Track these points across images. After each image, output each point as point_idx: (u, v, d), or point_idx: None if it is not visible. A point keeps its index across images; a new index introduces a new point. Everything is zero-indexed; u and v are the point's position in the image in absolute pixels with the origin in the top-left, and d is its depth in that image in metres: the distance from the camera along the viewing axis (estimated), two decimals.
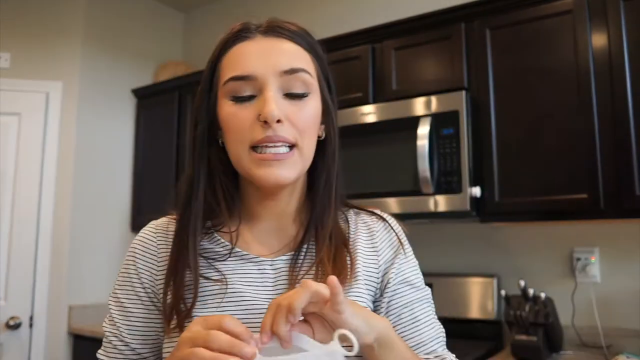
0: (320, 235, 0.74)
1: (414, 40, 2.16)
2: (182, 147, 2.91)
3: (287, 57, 0.71)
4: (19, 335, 2.65)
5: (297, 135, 0.70)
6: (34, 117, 2.80)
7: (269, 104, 0.67)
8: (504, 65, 1.97)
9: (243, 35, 0.73)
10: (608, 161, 1.74)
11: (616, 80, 1.75)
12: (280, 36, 0.73)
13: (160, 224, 0.81)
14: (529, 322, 1.80)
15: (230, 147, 0.72)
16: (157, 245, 0.78)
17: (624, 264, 1.98)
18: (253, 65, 0.70)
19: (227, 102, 0.71)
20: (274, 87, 0.69)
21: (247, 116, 0.69)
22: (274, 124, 0.67)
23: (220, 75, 0.73)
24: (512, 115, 1.93)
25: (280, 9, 3.04)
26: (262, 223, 0.77)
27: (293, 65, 0.71)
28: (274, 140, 0.68)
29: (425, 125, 1.96)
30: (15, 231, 2.70)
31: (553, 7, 1.89)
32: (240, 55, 0.71)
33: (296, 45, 0.73)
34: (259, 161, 0.69)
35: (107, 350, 0.78)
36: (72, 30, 2.93)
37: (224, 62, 0.73)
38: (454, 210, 1.92)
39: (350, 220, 0.81)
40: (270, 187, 0.71)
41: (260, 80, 0.69)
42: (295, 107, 0.70)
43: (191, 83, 2.93)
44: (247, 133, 0.69)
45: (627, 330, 1.93)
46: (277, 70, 0.70)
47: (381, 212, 0.83)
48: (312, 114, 0.72)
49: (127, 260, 0.79)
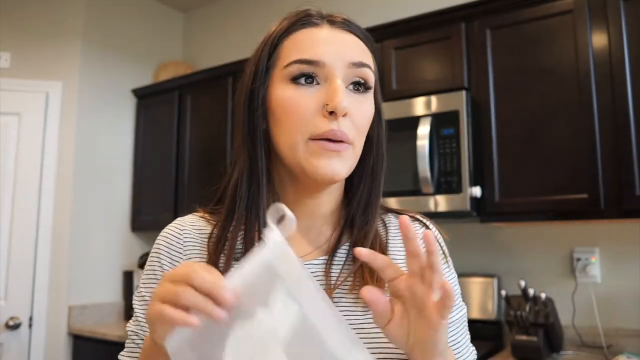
0: (358, 240, 0.71)
1: (414, 40, 2.16)
2: (182, 147, 2.91)
3: (356, 50, 0.69)
4: (19, 336, 2.64)
5: (355, 133, 0.67)
6: (33, 117, 2.80)
7: (339, 94, 0.64)
8: (504, 65, 1.97)
9: (311, 21, 0.70)
10: (608, 161, 1.74)
11: (616, 80, 1.75)
12: (347, 30, 0.70)
13: (187, 220, 0.77)
14: (529, 322, 1.80)
15: (281, 134, 0.67)
16: (184, 241, 0.73)
17: (624, 264, 1.98)
18: (323, 51, 0.66)
19: (285, 85, 0.67)
20: (341, 77, 0.66)
21: (308, 103, 0.65)
22: (340, 117, 0.64)
23: (280, 57, 0.69)
24: (512, 115, 1.93)
25: (280, 9, 3.04)
26: None
27: (361, 59, 0.68)
28: (337, 136, 0.64)
29: (426, 125, 1.96)
30: (15, 231, 2.70)
31: (553, 7, 1.89)
32: (309, 39, 0.68)
33: (360, 40, 0.71)
34: (319, 150, 0.64)
35: (131, 351, 0.73)
36: (72, 30, 2.93)
37: (287, 44, 0.69)
38: (454, 210, 1.92)
39: (389, 225, 0.77)
40: (323, 181, 0.67)
41: (329, 67, 0.66)
42: (357, 102, 0.68)
43: (191, 83, 2.93)
44: (308, 122, 0.65)
45: (627, 330, 1.93)
46: (346, 61, 0.67)
47: (423, 217, 0.79)
48: (370, 112, 0.70)
49: (151, 258, 0.75)
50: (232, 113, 2.73)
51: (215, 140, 2.76)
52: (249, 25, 3.21)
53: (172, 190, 2.89)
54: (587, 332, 1.98)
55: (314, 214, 0.73)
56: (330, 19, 0.71)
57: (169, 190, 2.91)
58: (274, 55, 0.70)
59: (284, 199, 0.72)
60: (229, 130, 2.72)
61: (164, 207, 2.92)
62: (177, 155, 2.92)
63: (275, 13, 3.70)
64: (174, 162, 2.92)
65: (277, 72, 0.68)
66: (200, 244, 0.73)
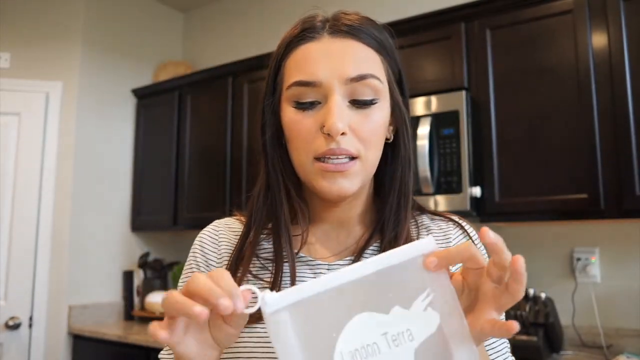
0: (386, 240, 0.71)
1: (414, 40, 2.16)
2: (182, 147, 2.91)
3: (355, 62, 0.67)
4: (19, 336, 2.64)
5: (360, 146, 0.66)
6: (33, 117, 2.80)
7: (332, 116, 0.64)
8: (504, 65, 1.97)
9: (308, 35, 0.69)
10: (608, 161, 1.74)
11: (616, 80, 1.75)
12: (348, 36, 0.68)
13: (224, 221, 0.80)
14: (529, 322, 1.80)
15: (293, 154, 0.70)
16: (219, 241, 0.77)
17: (624, 264, 1.98)
18: (318, 70, 0.66)
19: (289, 108, 0.68)
20: (339, 94, 0.65)
21: (310, 125, 0.66)
22: (338, 137, 0.65)
23: (284, 78, 0.70)
24: (512, 115, 1.93)
25: (279, 9, 3.04)
26: (323, 225, 0.75)
27: (361, 71, 0.66)
28: (336, 154, 0.65)
29: (425, 125, 1.96)
30: (15, 231, 2.70)
31: (553, 7, 1.89)
32: (305, 58, 0.67)
33: (365, 46, 0.68)
34: (322, 172, 0.66)
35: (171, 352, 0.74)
36: (72, 30, 2.93)
37: (289, 64, 0.69)
38: (454, 210, 1.92)
39: (421, 226, 0.77)
40: (332, 199, 0.69)
41: (325, 86, 0.65)
42: (360, 115, 0.66)
43: (191, 83, 2.93)
44: (310, 143, 0.66)
45: (627, 330, 1.93)
46: (343, 77, 0.65)
47: (459, 219, 0.79)
48: (378, 123, 0.68)
49: (189, 259, 0.78)
50: (232, 113, 2.73)
51: (215, 141, 2.76)
52: (249, 25, 3.21)
53: (172, 191, 2.89)
54: (587, 332, 1.98)
55: (343, 218, 0.74)
56: (333, 25, 0.69)
57: (169, 190, 2.91)
58: (279, 76, 0.71)
59: (312, 207, 0.74)
60: (229, 130, 2.72)
61: (164, 207, 2.92)
62: (177, 155, 2.92)
63: (275, 13, 3.69)
64: (174, 162, 2.92)
65: (283, 91, 0.70)
66: (231, 241, 0.76)
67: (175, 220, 2.87)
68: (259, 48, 2.91)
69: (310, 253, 0.73)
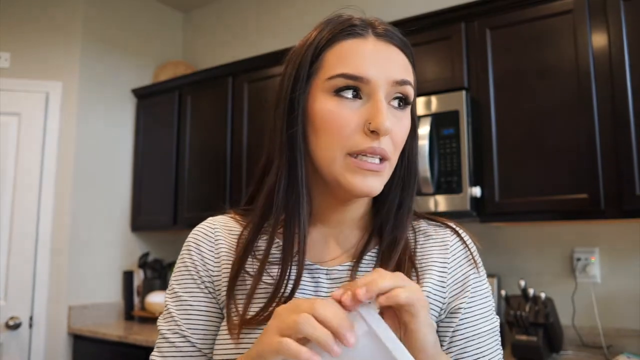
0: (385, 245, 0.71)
1: (414, 40, 2.13)
2: (182, 147, 2.91)
3: (400, 67, 0.68)
4: (19, 336, 2.64)
5: (393, 149, 0.67)
6: (33, 117, 2.80)
7: (382, 114, 0.63)
8: (504, 65, 1.97)
9: (356, 32, 0.68)
10: (608, 161, 1.74)
11: (616, 80, 1.75)
12: (392, 43, 0.69)
13: (220, 220, 0.78)
14: (529, 322, 1.80)
15: (319, 145, 0.67)
16: (216, 239, 0.75)
17: (624, 264, 1.98)
18: (367, 68, 0.65)
19: (327, 97, 0.66)
20: (384, 94, 0.66)
21: (350, 118, 0.65)
22: (382, 136, 0.64)
23: (323, 67, 0.67)
24: (512, 115, 1.93)
25: (279, 9, 3.04)
26: (322, 226, 0.74)
27: (404, 76, 0.68)
28: (377, 153, 0.65)
29: (426, 125, 1.96)
30: (15, 231, 2.70)
31: (553, 7, 1.89)
32: (355, 53, 0.67)
33: (404, 55, 0.70)
34: (355, 169, 0.65)
35: (163, 350, 0.72)
36: (72, 30, 2.93)
37: (332, 55, 0.68)
38: (454, 210, 1.92)
39: (418, 231, 0.77)
40: (358, 196, 0.68)
41: (373, 84, 0.65)
42: (397, 118, 0.68)
43: (191, 83, 2.93)
44: (347, 138, 0.65)
45: (627, 330, 1.93)
46: (390, 79, 0.66)
47: (456, 225, 0.78)
48: (407, 127, 0.70)
49: (182, 254, 0.76)
50: (232, 113, 2.73)
51: (215, 141, 2.76)
52: (249, 25, 3.21)
53: (172, 190, 2.89)
54: (587, 332, 1.98)
55: (344, 220, 0.74)
56: (375, 28, 0.69)
57: (169, 190, 2.91)
58: (316, 64, 0.68)
59: (315, 204, 0.73)
60: (229, 130, 2.72)
61: (164, 207, 2.92)
62: (177, 155, 2.92)
63: (275, 13, 3.69)
64: (174, 162, 2.92)
65: (318, 82, 0.68)
66: (230, 243, 0.74)
67: (175, 220, 2.87)
68: (259, 48, 2.91)
69: (308, 256, 0.72)
